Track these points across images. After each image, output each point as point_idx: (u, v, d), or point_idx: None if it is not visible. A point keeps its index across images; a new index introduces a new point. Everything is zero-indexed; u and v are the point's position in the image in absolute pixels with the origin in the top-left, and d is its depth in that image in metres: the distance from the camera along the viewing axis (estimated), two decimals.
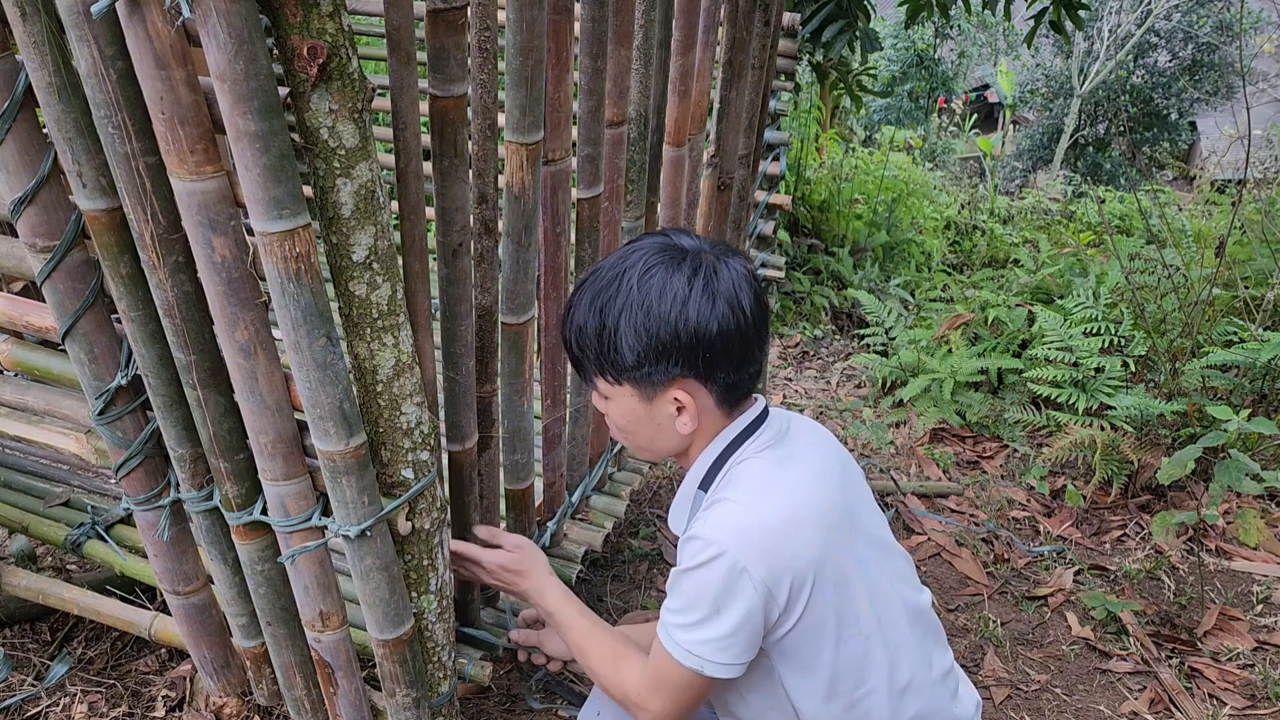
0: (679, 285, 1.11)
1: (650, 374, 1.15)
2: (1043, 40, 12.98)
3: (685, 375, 1.15)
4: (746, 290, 1.14)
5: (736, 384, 1.18)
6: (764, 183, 3.33)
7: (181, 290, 1.09)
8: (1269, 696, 2.07)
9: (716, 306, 1.11)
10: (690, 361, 1.14)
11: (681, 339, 1.12)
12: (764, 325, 1.17)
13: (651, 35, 1.73)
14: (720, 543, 1.11)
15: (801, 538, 1.14)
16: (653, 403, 1.19)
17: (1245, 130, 3.74)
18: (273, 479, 1.20)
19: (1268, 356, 2.80)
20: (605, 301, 1.15)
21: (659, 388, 1.17)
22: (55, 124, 1.03)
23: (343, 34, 0.94)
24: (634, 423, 1.23)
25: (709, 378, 1.16)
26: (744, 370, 1.17)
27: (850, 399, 3.68)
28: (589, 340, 1.17)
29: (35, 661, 1.88)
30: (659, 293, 1.12)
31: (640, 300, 1.12)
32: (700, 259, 1.14)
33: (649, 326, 1.12)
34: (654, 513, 2.59)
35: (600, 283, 1.17)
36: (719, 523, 1.14)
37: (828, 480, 1.22)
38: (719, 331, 1.12)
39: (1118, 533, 2.71)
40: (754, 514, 1.14)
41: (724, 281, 1.13)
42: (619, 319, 1.14)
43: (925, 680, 1.27)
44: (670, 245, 1.16)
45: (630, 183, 1.84)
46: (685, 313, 1.11)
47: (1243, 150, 4.65)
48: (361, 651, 1.46)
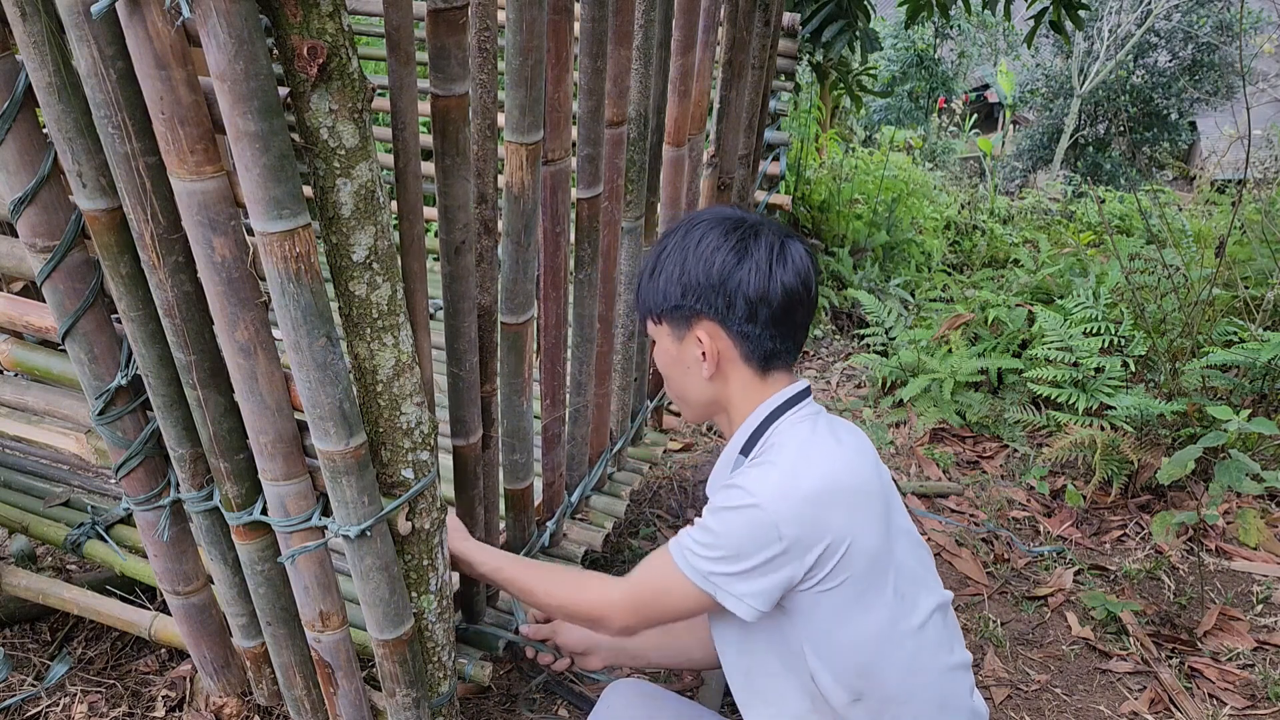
0: (716, 237, 1.24)
1: (678, 308, 1.27)
2: (1043, 40, 12.98)
3: (706, 314, 1.25)
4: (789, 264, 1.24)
5: (756, 338, 1.25)
6: (764, 183, 3.33)
7: (181, 290, 1.09)
8: (1269, 696, 2.07)
9: (744, 262, 1.22)
10: (710, 302, 1.24)
11: (707, 279, 1.23)
12: (796, 299, 1.25)
13: (651, 35, 1.73)
14: (759, 497, 1.17)
15: (837, 507, 1.19)
16: (682, 342, 1.29)
17: (1245, 130, 3.74)
18: (273, 479, 1.20)
19: (1268, 356, 2.79)
20: (663, 247, 1.29)
21: (685, 326, 1.28)
22: (55, 124, 1.03)
23: (343, 34, 0.94)
24: (668, 364, 1.33)
25: (726, 323, 1.25)
26: (765, 328, 1.25)
27: (850, 399, 3.68)
28: (645, 278, 1.31)
29: (35, 661, 1.88)
30: (698, 240, 1.25)
31: (684, 244, 1.26)
32: (752, 227, 1.26)
33: (684, 264, 1.25)
34: (654, 513, 2.59)
35: (668, 232, 1.32)
36: (761, 479, 1.20)
37: (865, 462, 1.27)
38: (739, 283, 1.22)
39: (1118, 533, 2.71)
40: (795, 478, 1.19)
41: (762, 245, 1.24)
42: (667, 260, 1.27)
43: (945, 664, 1.31)
44: (734, 215, 1.29)
45: (630, 183, 1.84)
46: (713, 259, 1.23)
47: (1243, 150, 4.65)
48: (361, 651, 1.46)
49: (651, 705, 1.46)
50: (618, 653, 1.59)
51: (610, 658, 1.60)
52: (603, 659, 1.59)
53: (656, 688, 1.53)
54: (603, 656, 1.59)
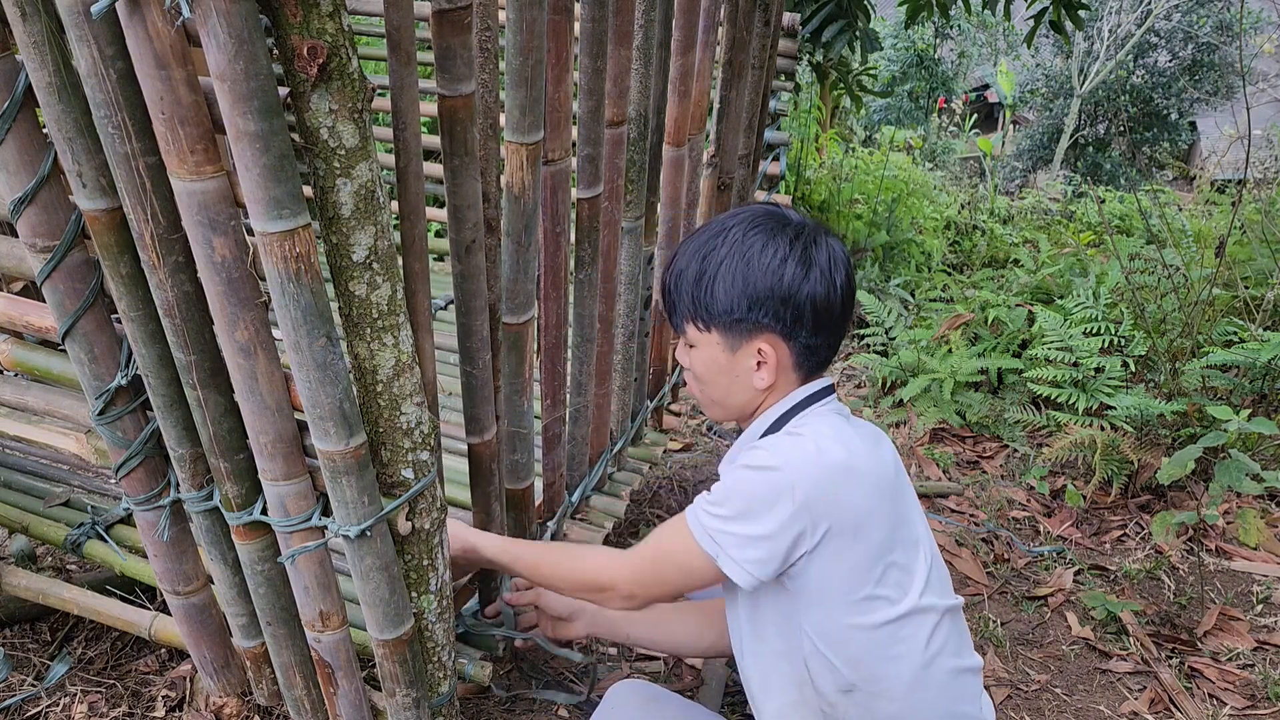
0: (780, 245, 1.22)
1: (740, 321, 1.24)
2: (1043, 40, 12.98)
3: (772, 328, 1.23)
4: (841, 267, 1.24)
5: (815, 348, 1.26)
6: (764, 183, 3.32)
7: (181, 290, 1.09)
8: (1269, 696, 2.07)
9: (811, 272, 1.21)
10: (778, 316, 1.22)
11: (775, 292, 1.21)
12: (849, 303, 1.26)
13: (651, 35, 1.73)
14: (781, 460, 1.18)
15: (856, 488, 1.19)
16: (736, 353, 1.27)
17: (1245, 130, 3.74)
18: (273, 479, 1.20)
19: (1268, 356, 2.79)
20: (709, 251, 1.25)
21: (744, 338, 1.25)
22: (55, 124, 1.03)
23: (343, 34, 0.94)
24: (714, 373, 1.30)
25: (792, 336, 1.24)
26: (824, 337, 1.25)
27: (850, 399, 3.68)
28: (687, 285, 1.27)
29: (35, 661, 1.88)
30: (760, 247, 1.22)
31: (743, 252, 1.22)
32: (803, 230, 1.24)
33: (747, 275, 1.21)
34: (654, 513, 2.59)
35: (705, 236, 1.27)
36: (787, 446, 1.21)
37: (885, 458, 1.28)
38: (809, 295, 1.21)
39: (1118, 533, 2.71)
40: (818, 452, 1.19)
41: (822, 253, 1.23)
42: (720, 266, 1.23)
43: (954, 666, 1.30)
44: (777, 214, 1.26)
45: (630, 183, 1.84)
46: (782, 270, 1.20)
47: (1243, 150, 4.65)
48: (361, 651, 1.46)
49: (653, 706, 1.47)
50: (597, 622, 1.61)
51: (590, 626, 1.61)
52: (585, 626, 1.61)
53: (658, 688, 1.53)
54: (585, 623, 1.61)
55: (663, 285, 1.33)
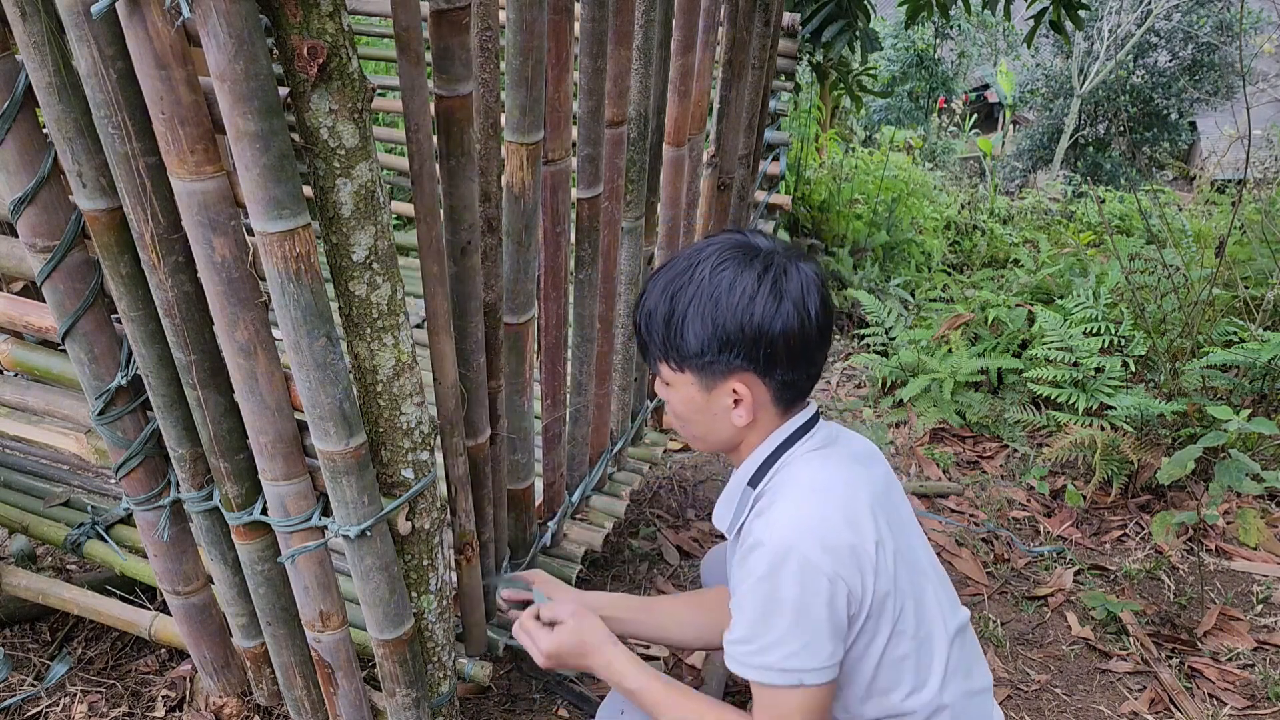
0: (748, 281, 1.15)
1: (712, 363, 1.19)
2: (1043, 40, 12.98)
3: (745, 368, 1.19)
4: (814, 294, 1.18)
5: (794, 383, 1.22)
6: (764, 183, 3.32)
7: (181, 290, 1.09)
8: (1269, 696, 2.07)
9: (782, 306, 1.15)
10: (751, 355, 1.17)
11: (745, 332, 1.15)
12: (827, 330, 1.20)
13: (651, 35, 1.73)
14: (787, 542, 1.13)
15: (861, 530, 1.16)
16: (711, 393, 1.22)
17: (1245, 130, 3.74)
18: (273, 479, 1.20)
19: (1268, 356, 2.79)
20: (677, 289, 1.19)
21: (719, 378, 1.21)
22: (55, 124, 1.03)
23: (343, 34, 0.94)
24: (692, 411, 1.26)
25: (767, 374, 1.19)
26: (802, 370, 1.21)
27: (850, 399, 3.68)
28: (658, 325, 1.22)
29: (35, 661, 1.88)
30: (729, 285, 1.16)
31: (710, 290, 1.17)
32: (772, 259, 1.18)
33: (716, 316, 1.16)
34: (654, 513, 2.59)
35: (674, 271, 1.21)
36: (780, 522, 1.16)
37: (876, 483, 1.24)
38: (782, 330, 1.15)
39: (1118, 533, 2.71)
40: (813, 509, 1.16)
41: (793, 283, 1.16)
42: (688, 306, 1.18)
43: (965, 690, 1.27)
44: (745, 243, 1.20)
45: (630, 183, 1.84)
46: (752, 308, 1.15)
47: (1243, 150, 4.65)
48: (361, 651, 1.46)
49: None
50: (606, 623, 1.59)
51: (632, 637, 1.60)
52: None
53: None
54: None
55: (635, 324, 1.28)
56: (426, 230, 1.24)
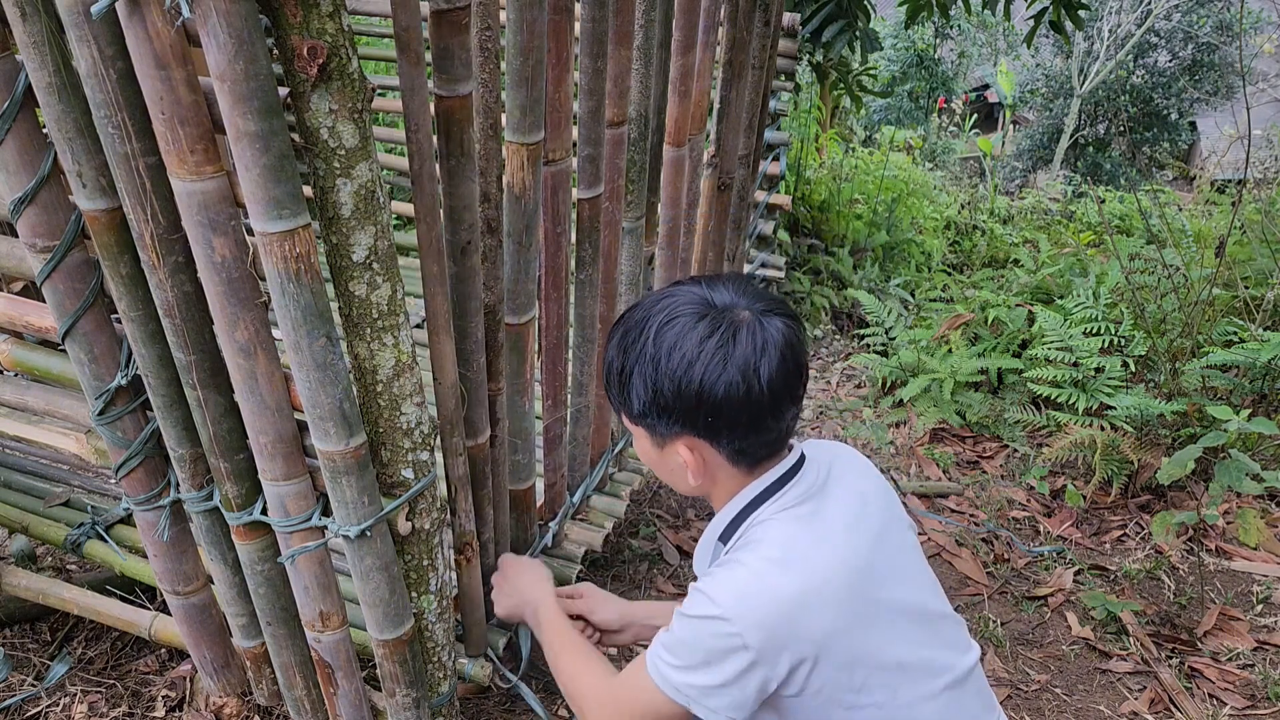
0: (690, 344, 1.08)
1: (655, 425, 1.15)
2: (1043, 40, 12.98)
3: (688, 433, 1.13)
4: (770, 358, 1.08)
5: (746, 449, 1.14)
6: (764, 183, 3.32)
7: (181, 290, 1.10)
8: (1269, 696, 2.07)
9: (726, 372, 1.07)
10: (691, 422, 1.11)
11: (684, 399, 1.09)
12: (783, 395, 1.10)
13: (651, 35, 1.73)
14: (724, 606, 1.08)
15: (809, 615, 1.08)
16: (662, 451, 1.18)
17: (1245, 130, 3.74)
18: (273, 479, 1.20)
19: (1268, 356, 2.79)
20: (629, 344, 1.14)
21: (665, 439, 1.16)
22: (55, 124, 1.03)
23: (343, 34, 0.94)
24: (652, 462, 1.23)
25: (714, 438, 1.13)
26: (754, 437, 1.13)
27: (850, 399, 3.68)
28: (613, 378, 1.17)
29: (35, 661, 1.88)
30: (669, 348, 1.09)
31: (653, 352, 1.10)
32: (726, 318, 1.09)
33: (656, 380, 1.10)
34: (654, 513, 2.59)
35: (631, 322, 1.15)
36: (728, 585, 1.10)
37: (855, 544, 1.14)
38: (724, 397, 1.07)
39: (1118, 533, 2.71)
40: (763, 584, 1.09)
41: (742, 346, 1.07)
42: (634, 365, 1.12)
43: None
44: (701, 298, 1.11)
45: (630, 183, 1.84)
46: (690, 374, 1.07)
47: (1243, 150, 4.65)
48: (361, 651, 1.46)
49: None
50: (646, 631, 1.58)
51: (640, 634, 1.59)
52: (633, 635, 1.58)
53: None
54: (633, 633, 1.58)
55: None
56: (426, 230, 1.24)
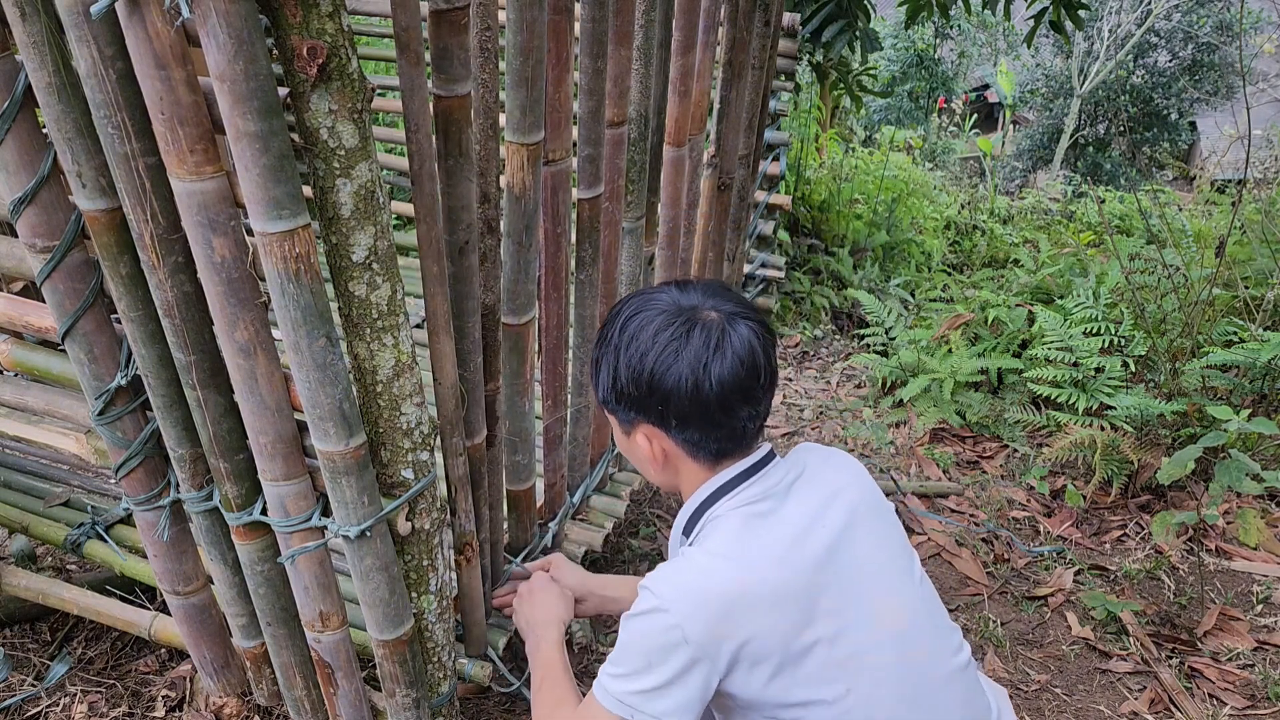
0: (647, 335, 1.14)
1: (617, 411, 1.22)
2: (1043, 40, 12.98)
3: (644, 420, 1.19)
4: (725, 359, 1.11)
5: (699, 443, 1.18)
6: (764, 183, 3.32)
7: (181, 290, 1.10)
8: (1269, 696, 2.07)
9: (676, 364, 1.12)
10: (644, 409, 1.17)
11: (637, 387, 1.15)
12: (734, 395, 1.13)
13: (651, 35, 1.73)
14: (665, 598, 1.10)
15: (748, 608, 1.09)
16: (628, 438, 1.24)
17: (1245, 130, 3.74)
18: (272, 479, 1.20)
19: (1268, 356, 2.79)
20: (603, 336, 1.21)
21: (628, 425, 1.22)
22: (55, 124, 1.03)
23: (342, 34, 0.94)
24: (624, 449, 1.29)
25: (666, 428, 1.18)
26: (705, 431, 1.16)
27: (850, 399, 3.68)
28: (591, 367, 1.25)
29: (35, 661, 1.88)
30: (630, 337, 1.16)
31: (617, 341, 1.17)
32: (688, 316, 1.14)
33: (615, 367, 1.17)
34: (654, 512, 2.59)
35: (608, 318, 1.23)
36: (670, 578, 1.12)
37: (807, 544, 1.15)
38: (672, 388, 1.13)
39: (1118, 533, 2.71)
40: (706, 577, 1.11)
41: (695, 343, 1.12)
42: (602, 354, 1.20)
43: None
44: (671, 298, 1.18)
45: (630, 183, 1.84)
46: (643, 363, 1.14)
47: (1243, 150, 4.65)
48: (361, 651, 1.46)
49: None
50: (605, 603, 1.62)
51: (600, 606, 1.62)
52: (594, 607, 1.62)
53: None
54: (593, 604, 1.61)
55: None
56: (427, 231, 1.23)
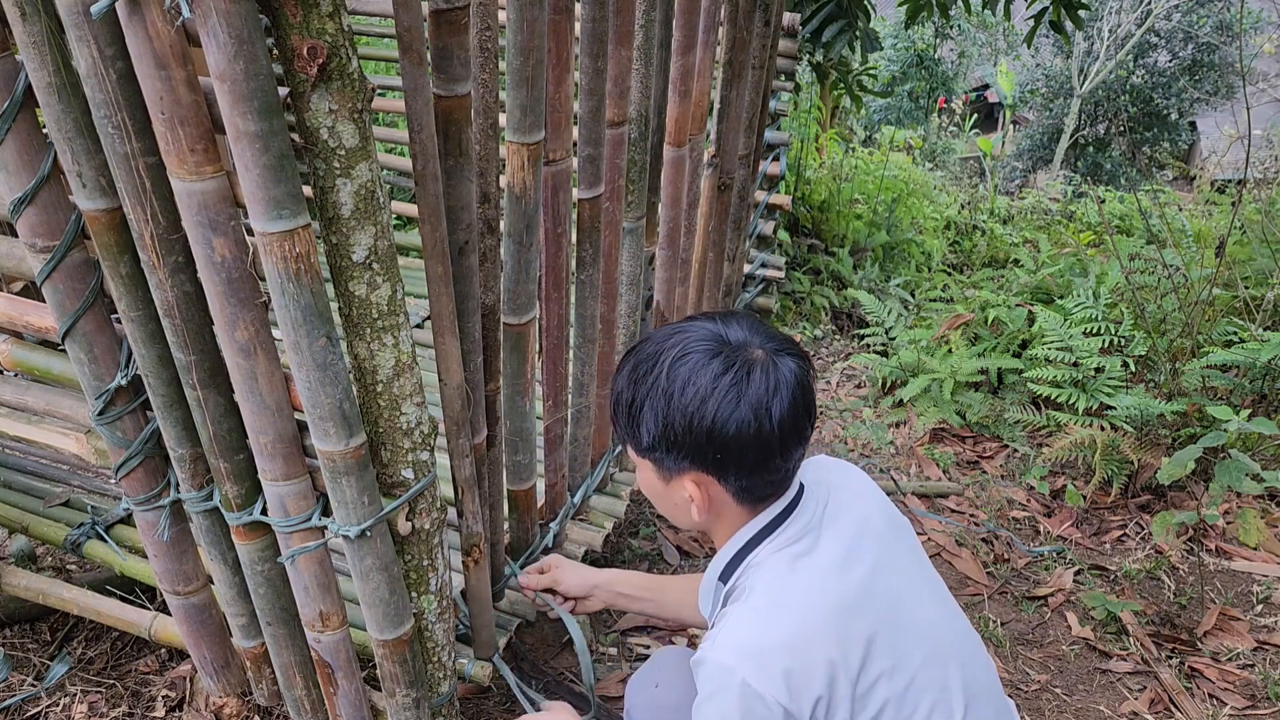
0: (705, 380, 1.08)
1: (663, 459, 1.15)
2: (1043, 40, 12.98)
3: (697, 469, 1.13)
4: (783, 396, 1.09)
5: (751, 488, 1.15)
6: (764, 183, 3.32)
7: (181, 290, 1.09)
8: (1269, 696, 2.07)
9: (739, 410, 1.07)
10: (700, 458, 1.12)
11: (694, 434, 1.09)
12: (791, 435, 1.11)
13: (652, 35, 1.73)
14: (731, 667, 1.07)
15: (814, 650, 1.08)
16: (668, 485, 1.18)
17: (1245, 130, 3.74)
18: (272, 479, 1.20)
19: (1268, 356, 2.79)
20: (639, 376, 1.14)
21: (672, 473, 1.16)
22: (55, 124, 1.03)
23: (343, 34, 0.94)
24: (655, 496, 1.24)
25: (721, 475, 1.14)
26: (761, 476, 1.13)
27: (850, 399, 3.68)
28: (621, 410, 1.18)
29: (35, 661, 1.88)
30: (683, 383, 1.09)
31: (666, 386, 1.10)
32: (740, 356, 1.09)
33: (667, 415, 1.10)
34: (654, 513, 2.59)
35: (643, 355, 1.15)
36: (728, 644, 1.10)
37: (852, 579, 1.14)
38: (735, 434, 1.08)
39: (1118, 533, 2.71)
40: (763, 631, 1.09)
41: (755, 384, 1.08)
42: (645, 398, 1.13)
43: None
44: (715, 335, 1.12)
45: (631, 183, 1.84)
46: (703, 410, 1.08)
47: (1243, 150, 4.65)
48: (361, 651, 1.46)
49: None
50: (614, 598, 1.61)
51: (608, 600, 1.62)
52: (601, 601, 1.61)
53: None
54: (600, 599, 1.61)
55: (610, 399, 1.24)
56: (430, 231, 1.23)
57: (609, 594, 1.61)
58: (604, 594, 1.62)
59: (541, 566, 1.66)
